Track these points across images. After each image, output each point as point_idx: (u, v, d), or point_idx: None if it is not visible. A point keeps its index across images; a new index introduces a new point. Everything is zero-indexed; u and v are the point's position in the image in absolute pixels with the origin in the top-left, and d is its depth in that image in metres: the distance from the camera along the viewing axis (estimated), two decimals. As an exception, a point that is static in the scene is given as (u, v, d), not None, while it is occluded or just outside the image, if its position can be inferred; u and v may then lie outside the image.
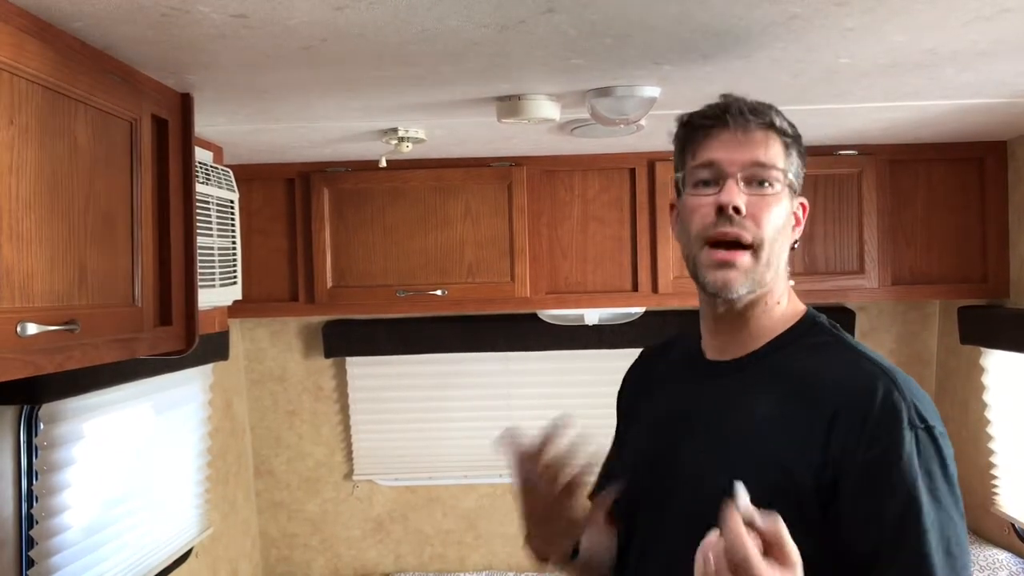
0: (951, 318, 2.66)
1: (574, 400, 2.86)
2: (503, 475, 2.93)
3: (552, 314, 2.62)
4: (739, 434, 1.06)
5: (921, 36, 1.34)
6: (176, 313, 1.51)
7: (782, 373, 1.07)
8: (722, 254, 1.05)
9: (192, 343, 1.57)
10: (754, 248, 1.05)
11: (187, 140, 1.58)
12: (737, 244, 1.05)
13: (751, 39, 1.33)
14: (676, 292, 2.46)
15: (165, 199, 1.50)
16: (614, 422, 1.41)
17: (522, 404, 2.90)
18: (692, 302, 2.80)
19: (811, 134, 2.14)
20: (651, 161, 2.46)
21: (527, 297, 2.49)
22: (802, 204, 1.13)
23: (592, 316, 2.58)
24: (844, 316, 2.70)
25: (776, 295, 1.11)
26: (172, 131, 1.52)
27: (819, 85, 1.66)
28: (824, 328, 1.12)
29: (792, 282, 1.16)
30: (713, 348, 1.16)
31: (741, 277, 1.05)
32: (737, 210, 1.03)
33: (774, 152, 1.06)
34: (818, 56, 1.45)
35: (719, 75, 1.54)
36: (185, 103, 1.58)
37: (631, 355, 1.41)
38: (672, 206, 1.17)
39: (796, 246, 1.12)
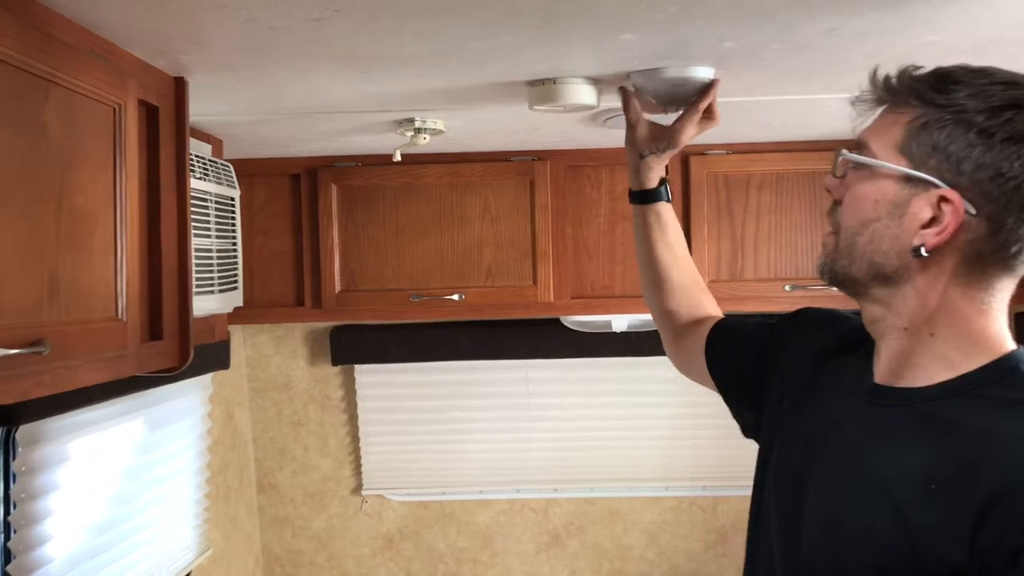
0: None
1: (600, 411, 2.73)
2: (520, 490, 2.83)
3: (577, 320, 2.48)
4: (877, 481, 0.88)
5: (1030, 7, 1.17)
6: (167, 326, 1.34)
7: (946, 422, 0.86)
8: None
9: (186, 359, 1.40)
10: None
11: (180, 129, 1.40)
12: None
13: (841, 8, 1.15)
14: (712, 297, 2.29)
15: (155, 196, 1.33)
16: (645, 433, 1.23)
17: (543, 415, 2.76)
18: (727, 308, 2.59)
19: (838, 126, 1.97)
20: (685, 155, 2.29)
21: (550, 302, 2.33)
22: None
23: (620, 323, 2.43)
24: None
25: (931, 324, 0.91)
26: (164, 119, 1.35)
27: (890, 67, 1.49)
28: None
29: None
30: (882, 366, 0.96)
31: None
32: None
33: None
34: (908, 32, 1.26)
35: (788, 54, 1.36)
36: (179, 87, 1.40)
37: (661, 363, 1.23)
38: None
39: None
